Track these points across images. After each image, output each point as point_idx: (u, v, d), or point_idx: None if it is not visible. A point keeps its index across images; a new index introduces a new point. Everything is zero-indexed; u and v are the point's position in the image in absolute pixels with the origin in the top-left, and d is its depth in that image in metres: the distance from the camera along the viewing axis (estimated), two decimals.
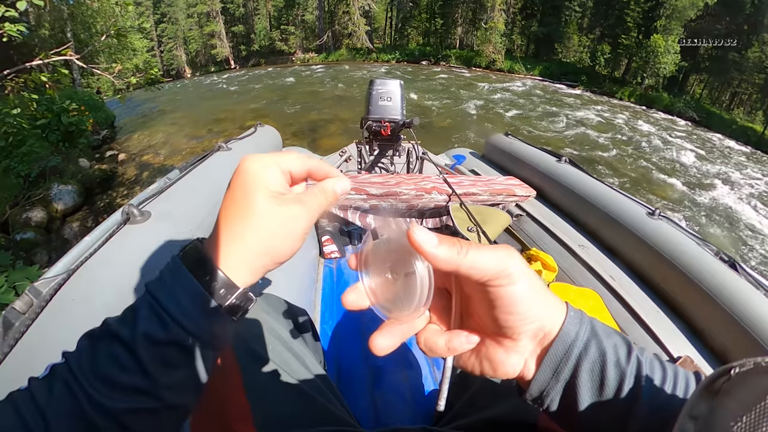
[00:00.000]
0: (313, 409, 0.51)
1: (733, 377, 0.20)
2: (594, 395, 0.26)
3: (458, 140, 8.28)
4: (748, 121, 16.28)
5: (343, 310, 1.28)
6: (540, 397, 0.28)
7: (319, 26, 28.31)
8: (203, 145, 7.87)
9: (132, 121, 10.32)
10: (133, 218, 0.80)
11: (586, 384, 0.26)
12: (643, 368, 0.27)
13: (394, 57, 25.59)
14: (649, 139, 10.74)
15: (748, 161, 10.93)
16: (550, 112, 12.33)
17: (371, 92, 2.09)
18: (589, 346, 0.26)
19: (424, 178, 1.60)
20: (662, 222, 1.19)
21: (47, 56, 2.91)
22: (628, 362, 0.27)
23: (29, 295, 0.59)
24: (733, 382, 0.20)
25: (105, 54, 10.04)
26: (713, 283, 0.99)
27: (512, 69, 22.03)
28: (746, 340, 0.90)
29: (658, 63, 17.89)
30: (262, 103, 12.21)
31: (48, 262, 3.82)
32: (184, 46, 29.01)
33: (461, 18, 24.84)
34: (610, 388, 0.26)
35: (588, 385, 0.26)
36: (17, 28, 2.58)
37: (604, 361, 0.26)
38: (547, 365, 0.27)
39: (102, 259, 0.68)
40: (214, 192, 1.10)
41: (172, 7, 27.88)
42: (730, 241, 6.07)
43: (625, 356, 0.27)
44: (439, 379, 1.05)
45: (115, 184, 6.07)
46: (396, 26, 28.30)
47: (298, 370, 0.55)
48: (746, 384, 0.19)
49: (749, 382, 0.19)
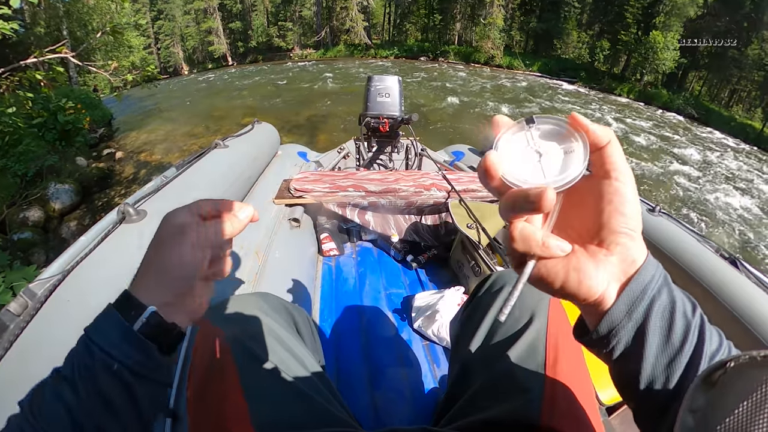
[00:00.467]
0: (312, 409, 0.51)
1: (729, 370, 0.20)
2: (662, 342, 0.25)
3: (457, 136, 8.26)
4: (747, 118, 16.28)
5: (342, 308, 1.28)
6: (607, 336, 0.27)
7: (317, 22, 28.14)
8: (200, 143, 7.83)
9: (129, 118, 10.26)
10: (129, 217, 0.79)
11: (656, 328, 0.25)
12: (705, 326, 0.26)
13: (393, 53, 25.48)
14: (648, 135, 10.74)
15: (746, 158, 10.94)
16: (548, 107, 12.30)
17: (369, 88, 2.07)
18: (662, 291, 0.26)
19: (423, 174, 1.60)
20: (663, 218, 1.19)
21: (42, 54, 2.88)
22: (694, 315, 0.26)
23: (24, 297, 0.58)
24: (729, 375, 0.20)
25: (101, 51, 9.98)
26: (714, 280, 0.99)
27: (511, 65, 21.97)
28: (747, 337, 0.90)
29: (657, 59, 17.86)
30: (260, 100, 12.15)
31: (45, 261, 3.80)
32: (181, 43, 28.80)
33: (460, 14, 24.72)
34: (677, 338, 0.25)
35: (657, 331, 0.25)
36: (11, 25, 2.55)
37: (673, 308, 0.26)
38: (623, 300, 0.26)
39: (97, 259, 0.67)
40: (212, 190, 1.09)
41: (168, 4, 27.64)
42: (728, 238, 6.08)
43: (691, 310, 0.26)
44: (438, 377, 1.05)
45: (113, 183, 6.04)
46: (394, 22, 28.15)
47: (297, 370, 0.54)
48: (741, 377, 0.20)
49: (744, 374, 0.20)
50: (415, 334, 1.19)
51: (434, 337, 1.15)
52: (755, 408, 0.18)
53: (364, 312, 1.26)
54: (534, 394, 0.47)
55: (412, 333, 1.20)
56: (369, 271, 1.47)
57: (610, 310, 0.26)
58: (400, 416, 0.89)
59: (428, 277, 1.48)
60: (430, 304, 1.20)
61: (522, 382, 0.50)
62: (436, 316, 1.15)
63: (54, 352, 0.54)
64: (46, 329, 0.56)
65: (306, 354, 0.60)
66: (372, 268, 1.50)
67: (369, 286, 1.39)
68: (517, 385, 0.50)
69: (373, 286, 1.40)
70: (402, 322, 1.24)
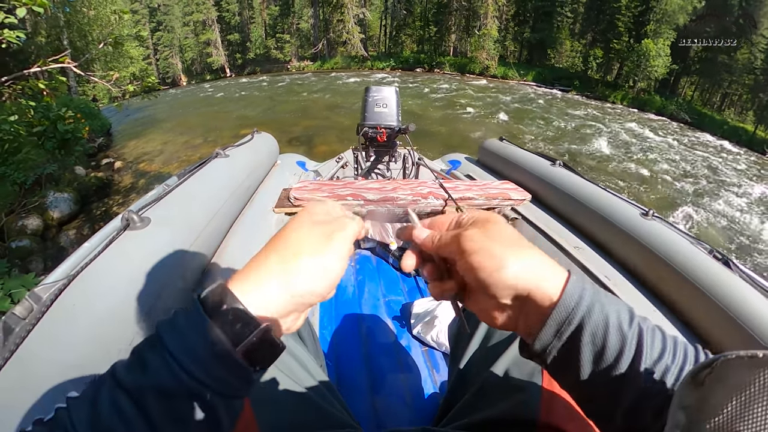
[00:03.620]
0: (317, 413, 0.51)
1: (716, 368, 0.21)
2: (594, 357, 0.28)
3: (453, 145, 8.33)
4: (739, 122, 16.55)
5: (341, 314, 1.28)
6: (542, 353, 0.30)
7: (314, 34, 28.51)
8: (199, 153, 7.86)
9: (128, 128, 10.30)
10: (133, 224, 0.80)
11: (588, 345, 0.28)
12: (644, 335, 0.28)
13: (389, 64, 25.78)
14: (642, 141, 10.86)
15: (739, 160, 11.07)
16: (543, 116, 12.45)
17: (367, 99, 2.10)
18: (592, 310, 0.28)
19: (421, 183, 1.62)
20: (656, 222, 1.21)
21: (45, 63, 2.92)
22: (630, 327, 0.28)
23: (29, 301, 0.59)
24: (717, 374, 0.21)
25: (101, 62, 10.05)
26: (707, 281, 1.01)
27: (506, 75, 22.26)
28: (741, 336, 0.91)
29: (649, 66, 18.17)
30: (258, 111, 12.24)
31: (44, 270, 3.78)
32: (180, 55, 29.08)
33: (455, 25, 25.12)
34: (611, 351, 0.27)
35: (589, 347, 0.28)
36: (16, 34, 2.59)
37: (606, 324, 0.27)
38: (550, 324, 0.28)
39: (103, 264, 0.68)
40: (213, 199, 1.11)
41: (168, 16, 27.98)
42: (722, 239, 6.13)
43: (628, 322, 0.28)
44: (438, 382, 1.05)
45: (111, 192, 6.04)
46: (390, 34, 28.56)
47: (300, 374, 0.55)
48: (729, 375, 0.20)
49: (732, 373, 0.20)
50: (415, 340, 1.20)
51: (433, 343, 1.15)
52: (743, 406, 0.19)
53: (363, 319, 1.27)
54: (532, 392, 0.48)
55: (411, 339, 1.20)
56: (368, 279, 1.48)
57: (538, 337, 0.29)
58: (400, 420, 0.90)
59: (427, 284, 1.49)
60: (429, 310, 1.21)
61: (520, 382, 0.50)
62: (435, 322, 1.16)
63: (60, 356, 0.55)
64: (53, 333, 0.56)
65: (308, 358, 0.61)
66: (371, 276, 1.51)
67: (368, 294, 1.40)
68: (516, 385, 0.51)
69: (372, 293, 1.40)
70: (401, 329, 1.25)
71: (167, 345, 0.25)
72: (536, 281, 0.29)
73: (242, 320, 0.26)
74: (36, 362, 0.53)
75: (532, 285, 0.29)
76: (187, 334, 0.25)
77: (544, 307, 0.29)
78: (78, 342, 0.57)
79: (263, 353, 0.27)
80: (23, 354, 0.53)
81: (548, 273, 0.29)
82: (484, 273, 0.29)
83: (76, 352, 0.55)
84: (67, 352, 0.55)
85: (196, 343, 0.25)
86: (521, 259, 0.29)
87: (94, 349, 0.57)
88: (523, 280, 0.29)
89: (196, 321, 0.25)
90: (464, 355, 0.61)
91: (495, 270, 0.29)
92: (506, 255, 0.29)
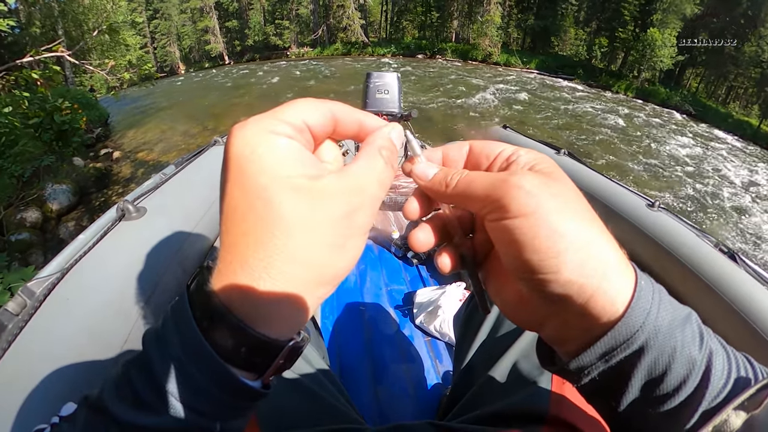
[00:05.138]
0: (319, 405, 0.50)
1: None
2: (647, 385, 0.21)
3: (456, 133, 8.26)
4: (743, 115, 16.37)
5: (343, 305, 1.27)
6: (578, 373, 0.22)
7: (314, 20, 28.02)
8: (198, 141, 7.81)
9: (126, 118, 10.21)
10: (129, 214, 0.78)
11: (643, 372, 0.20)
12: (714, 359, 0.21)
13: (390, 51, 25.42)
14: (646, 132, 10.77)
15: (742, 154, 10.99)
16: (546, 105, 12.31)
17: (368, 85, 2.06)
18: (659, 330, 0.20)
19: None
20: (662, 213, 1.19)
21: (38, 53, 2.87)
22: (700, 351, 0.21)
23: (22, 296, 0.57)
24: None
25: (97, 51, 9.89)
26: (713, 275, 0.99)
27: (508, 62, 21.95)
28: (746, 331, 0.90)
29: (654, 56, 17.89)
30: (257, 98, 12.11)
31: (44, 262, 3.77)
32: (178, 43, 28.63)
33: (457, 11, 24.67)
34: (672, 381, 0.20)
35: (644, 374, 0.21)
36: (7, 22, 2.54)
37: (674, 349, 0.20)
38: (600, 345, 0.21)
39: (97, 256, 0.66)
40: (211, 187, 1.08)
41: (164, 3, 27.45)
42: (727, 232, 6.11)
43: (698, 344, 0.21)
44: (441, 373, 1.05)
45: (110, 183, 6.02)
46: (391, 20, 28.07)
47: (302, 367, 0.54)
48: None
49: None
50: (417, 330, 1.19)
51: (436, 333, 1.15)
52: None
53: (365, 309, 1.26)
54: (542, 385, 0.47)
55: (414, 329, 1.20)
56: (370, 268, 1.47)
57: (582, 354, 0.21)
58: (403, 411, 0.89)
59: (429, 273, 1.48)
60: (432, 300, 1.20)
61: (529, 375, 0.49)
62: (438, 312, 1.15)
63: (54, 351, 0.54)
64: (46, 328, 0.55)
65: (310, 350, 0.60)
66: (373, 265, 1.50)
67: (370, 283, 1.39)
68: (524, 379, 0.49)
69: (374, 282, 1.40)
70: (404, 319, 1.24)
71: (169, 391, 0.19)
72: (599, 280, 0.20)
73: (257, 347, 0.20)
74: (30, 358, 0.52)
75: (594, 286, 0.20)
76: (188, 371, 0.19)
77: (598, 318, 0.20)
78: (72, 336, 0.55)
79: (285, 367, 0.23)
80: (17, 350, 0.52)
81: (613, 269, 0.20)
82: (536, 254, 0.20)
83: (71, 346, 0.54)
84: (62, 346, 0.54)
85: (209, 388, 0.19)
86: (591, 243, 0.20)
87: (90, 342, 0.56)
88: (587, 277, 0.20)
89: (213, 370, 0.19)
90: (471, 347, 0.60)
91: (554, 255, 0.19)
92: (575, 235, 0.20)
